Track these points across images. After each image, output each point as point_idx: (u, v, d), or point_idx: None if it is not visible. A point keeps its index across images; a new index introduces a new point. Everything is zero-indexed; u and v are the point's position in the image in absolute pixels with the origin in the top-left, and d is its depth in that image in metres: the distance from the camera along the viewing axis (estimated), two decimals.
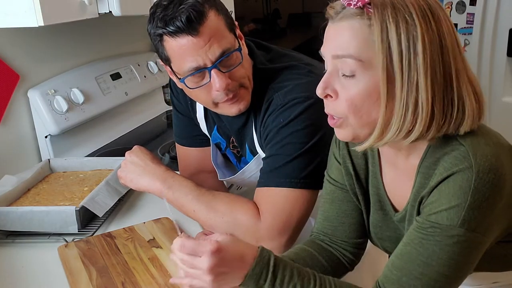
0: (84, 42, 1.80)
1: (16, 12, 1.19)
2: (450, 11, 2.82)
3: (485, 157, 0.70)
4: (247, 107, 1.08)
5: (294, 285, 0.75)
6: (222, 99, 1.04)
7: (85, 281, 0.95)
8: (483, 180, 0.69)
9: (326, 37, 0.76)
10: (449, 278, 0.73)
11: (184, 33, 0.97)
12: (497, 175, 0.70)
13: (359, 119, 0.75)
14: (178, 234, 0.77)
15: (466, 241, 0.71)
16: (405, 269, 0.75)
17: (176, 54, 1.00)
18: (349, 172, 0.91)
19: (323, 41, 0.77)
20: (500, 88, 2.65)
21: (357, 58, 0.71)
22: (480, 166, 0.70)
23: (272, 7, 5.00)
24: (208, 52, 0.98)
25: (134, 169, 1.13)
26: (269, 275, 0.74)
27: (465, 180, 0.70)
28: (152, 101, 2.14)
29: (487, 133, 0.76)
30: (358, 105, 0.73)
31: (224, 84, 1.00)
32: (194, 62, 0.99)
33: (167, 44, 1.00)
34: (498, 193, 0.70)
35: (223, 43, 0.99)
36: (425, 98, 0.70)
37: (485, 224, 0.72)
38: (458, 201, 0.70)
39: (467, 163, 0.70)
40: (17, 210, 1.12)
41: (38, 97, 1.51)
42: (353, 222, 0.94)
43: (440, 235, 0.72)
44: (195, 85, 1.03)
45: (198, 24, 0.96)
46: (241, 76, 1.04)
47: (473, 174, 0.69)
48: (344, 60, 0.72)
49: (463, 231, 0.70)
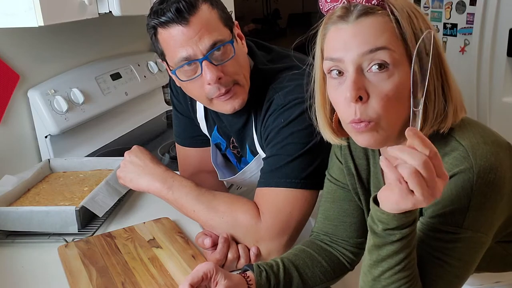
0: (84, 42, 1.80)
1: (16, 12, 1.18)
2: (450, 11, 2.82)
3: (485, 157, 0.70)
4: (242, 105, 1.07)
5: None
6: (214, 94, 1.03)
7: (85, 281, 0.95)
8: (484, 180, 0.70)
9: (344, 38, 0.72)
10: (458, 278, 0.74)
11: (174, 23, 0.98)
12: (497, 174, 0.70)
13: (391, 118, 0.72)
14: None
15: (471, 241, 0.72)
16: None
17: (168, 46, 1.01)
18: (351, 172, 0.92)
19: (335, 45, 0.73)
20: (500, 88, 2.65)
21: (391, 48, 0.70)
22: (481, 166, 0.70)
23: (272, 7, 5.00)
24: (198, 43, 0.98)
25: (133, 169, 1.13)
26: None
27: (467, 181, 0.70)
28: (152, 101, 2.14)
29: (484, 130, 0.76)
30: (393, 101, 0.71)
31: (214, 77, 0.99)
32: (185, 52, 0.99)
33: (160, 36, 1.01)
34: (499, 192, 0.71)
35: (214, 35, 0.99)
36: (449, 84, 0.73)
37: (488, 223, 0.72)
38: (461, 203, 0.70)
39: (467, 164, 0.71)
40: (17, 210, 1.12)
41: (38, 97, 1.51)
42: (354, 221, 0.94)
43: (446, 237, 0.72)
44: (187, 78, 1.03)
45: (188, 14, 0.97)
46: (235, 71, 1.03)
47: (474, 175, 0.70)
48: (376, 54, 0.70)
49: (468, 232, 0.71)
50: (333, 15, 0.74)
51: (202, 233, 1.04)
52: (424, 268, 0.74)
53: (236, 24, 1.08)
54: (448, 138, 0.75)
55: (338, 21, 0.73)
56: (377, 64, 0.70)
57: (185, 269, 0.97)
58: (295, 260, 0.92)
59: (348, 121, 0.74)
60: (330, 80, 0.76)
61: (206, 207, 1.05)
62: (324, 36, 0.76)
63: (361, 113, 0.71)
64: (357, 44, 0.71)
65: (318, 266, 0.93)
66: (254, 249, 1.01)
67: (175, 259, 1.01)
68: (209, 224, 1.05)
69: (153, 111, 2.11)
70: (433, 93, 0.72)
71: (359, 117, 0.72)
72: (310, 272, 0.92)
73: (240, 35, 1.09)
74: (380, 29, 0.71)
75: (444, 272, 0.73)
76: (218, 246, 0.99)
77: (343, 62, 0.72)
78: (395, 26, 0.71)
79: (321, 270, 0.93)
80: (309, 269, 0.92)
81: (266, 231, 1.00)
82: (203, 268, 0.80)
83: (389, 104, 0.71)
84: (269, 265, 0.89)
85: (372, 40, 0.70)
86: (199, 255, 1.02)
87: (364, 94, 0.71)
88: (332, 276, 0.95)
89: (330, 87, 0.76)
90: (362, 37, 0.71)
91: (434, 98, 0.72)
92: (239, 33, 1.09)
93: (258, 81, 1.09)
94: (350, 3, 0.73)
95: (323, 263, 0.94)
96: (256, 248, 1.01)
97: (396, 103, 0.71)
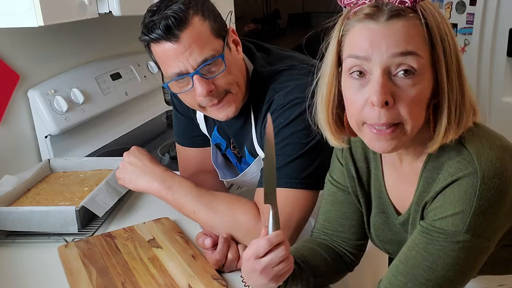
0: (84, 42, 1.80)
1: (16, 12, 1.18)
2: (450, 11, 2.82)
3: (489, 161, 0.70)
4: (236, 113, 1.08)
5: None
6: (207, 104, 1.05)
7: (85, 281, 0.95)
8: (488, 185, 0.69)
9: (373, 37, 0.70)
10: (454, 283, 0.73)
11: (164, 40, 0.98)
12: (502, 180, 0.69)
13: (415, 124, 0.71)
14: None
15: (472, 246, 0.71)
16: (410, 275, 0.74)
17: (161, 59, 1.02)
18: (351, 175, 0.91)
19: (362, 43, 0.71)
20: (500, 88, 2.64)
21: (420, 54, 0.69)
22: (485, 171, 0.69)
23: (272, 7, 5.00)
24: (189, 58, 0.99)
25: (132, 170, 1.13)
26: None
27: (470, 186, 0.70)
28: (152, 101, 2.14)
29: (490, 135, 0.75)
30: (419, 106, 0.71)
31: (204, 91, 1.00)
32: (176, 68, 1.00)
33: (153, 49, 1.02)
34: (502, 198, 0.70)
35: (205, 50, 0.99)
36: (467, 91, 0.73)
37: (490, 229, 0.72)
38: (464, 207, 0.70)
39: (471, 168, 0.70)
40: (17, 210, 1.12)
41: (38, 97, 1.51)
42: (353, 224, 0.94)
43: (446, 240, 0.72)
44: (179, 90, 1.05)
45: (178, 31, 0.97)
46: (226, 82, 1.03)
47: (478, 180, 0.69)
48: (405, 58, 0.69)
49: (469, 237, 0.70)
50: (360, 12, 0.71)
51: (202, 233, 1.04)
52: (416, 270, 0.73)
53: (231, 29, 1.08)
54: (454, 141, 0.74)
55: (366, 19, 0.71)
56: (404, 70, 0.69)
57: (185, 269, 0.97)
58: (296, 255, 0.90)
59: (371, 123, 0.72)
60: (349, 80, 0.74)
61: (206, 207, 1.05)
62: (347, 31, 0.74)
63: (386, 118, 0.70)
64: (388, 45, 0.69)
65: (323, 259, 0.92)
66: None
67: (175, 259, 1.01)
68: (209, 225, 1.05)
69: (153, 111, 2.11)
70: (454, 99, 0.72)
71: (384, 122, 0.70)
72: (315, 262, 0.91)
73: (235, 41, 1.09)
74: (411, 33, 0.69)
75: (437, 277, 0.72)
76: (218, 246, 0.99)
77: (370, 62, 0.70)
78: (424, 31, 0.70)
79: (325, 262, 0.92)
80: (313, 259, 0.91)
81: None
82: None
83: (414, 110, 0.70)
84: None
85: (403, 43, 0.69)
86: (199, 255, 1.02)
87: (391, 99, 0.69)
88: (334, 270, 0.94)
89: (348, 87, 0.74)
90: (393, 39, 0.69)
91: (455, 103, 0.72)
92: (235, 39, 1.09)
93: (258, 83, 1.10)
94: (381, 2, 0.70)
95: (327, 256, 0.93)
96: None
97: (420, 109, 0.71)
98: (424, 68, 0.70)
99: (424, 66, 0.70)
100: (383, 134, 0.71)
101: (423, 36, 0.70)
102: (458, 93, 0.72)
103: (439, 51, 0.70)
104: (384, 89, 0.69)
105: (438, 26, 0.71)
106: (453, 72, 0.71)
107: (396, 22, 0.69)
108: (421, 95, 0.70)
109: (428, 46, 0.70)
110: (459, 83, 0.72)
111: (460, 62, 0.73)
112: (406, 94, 0.70)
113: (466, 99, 0.73)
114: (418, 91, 0.70)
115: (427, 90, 0.71)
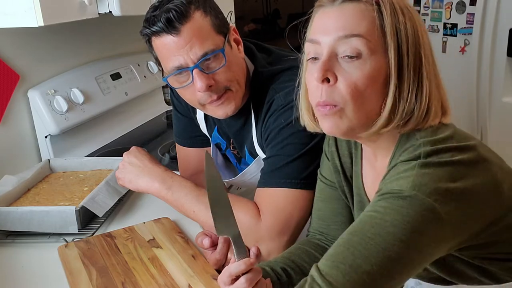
0: (84, 42, 1.80)
1: (16, 12, 1.18)
2: (450, 11, 2.82)
3: (433, 145, 0.70)
4: (235, 111, 1.08)
5: None
6: (206, 100, 1.04)
7: (85, 281, 0.95)
8: (430, 157, 0.69)
9: (325, 21, 0.74)
10: (406, 244, 0.66)
11: (165, 32, 0.98)
12: (444, 155, 0.69)
13: (358, 107, 0.72)
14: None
15: (419, 205, 0.66)
16: (357, 234, 0.69)
17: (161, 53, 1.02)
18: (337, 170, 0.92)
19: (316, 27, 0.75)
20: (500, 88, 2.64)
21: (366, 37, 0.71)
22: (427, 149, 0.70)
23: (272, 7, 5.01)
24: (189, 52, 0.98)
25: (132, 170, 1.13)
26: None
27: (412, 158, 0.70)
28: (152, 101, 2.14)
29: (455, 135, 0.74)
30: (361, 90, 0.71)
31: (204, 85, 1.00)
32: (176, 61, 1.00)
33: (154, 44, 1.02)
34: (447, 171, 0.68)
35: (205, 44, 0.99)
36: (427, 84, 0.72)
37: (440, 191, 0.67)
38: (407, 173, 0.69)
39: (416, 153, 0.70)
40: (17, 210, 1.12)
41: (38, 97, 1.51)
42: (343, 220, 0.94)
43: (391, 198, 0.68)
44: (179, 85, 1.04)
45: (179, 24, 0.97)
46: (227, 78, 1.03)
47: (421, 153, 0.69)
48: (350, 40, 0.71)
49: (414, 193, 0.67)
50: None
51: (202, 233, 1.04)
52: (363, 226, 0.69)
53: (232, 28, 1.08)
54: (411, 137, 0.74)
55: (325, 4, 0.75)
56: (348, 51, 0.71)
57: (185, 269, 0.97)
58: (290, 257, 0.90)
59: (315, 103, 0.74)
60: (308, 66, 0.77)
61: (206, 207, 1.05)
62: (312, 19, 0.77)
63: (327, 96, 0.72)
64: (336, 28, 0.72)
65: (316, 261, 0.92)
66: (254, 249, 1.00)
67: (175, 259, 1.01)
68: (209, 225, 1.04)
69: (153, 111, 2.11)
70: (406, 93, 0.72)
71: (324, 99, 0.72)
72: (308, 266, 0.90)
73: (237, 39, 1.09)
74: (360, 16, 0.71)
75: (384, 232, 0.66)
76: (218, 246, 0.99)
77: (320, 45, 0.73)
78: (376, 17, 0.71)
79: None
80: (307, 264, 0.91)
81: (266, 231, 1.00)
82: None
83: (357, 93, 0.71)
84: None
85: (349, 26, 0.71)
86: (199, 255, 1.02)
87: (333, 76, 0.72)
88: None
89: (307, 73, 0.77)
90: (342, 21, 0.72)
91: (406, 98, 0.72)
92: (236, 38, 1.09)
93: (258, 83, 1.10)
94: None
95: (320, 257, 0.93)
96: (256, 248, 1.01)
97: (364, 93, 0.72)
98: (372, 52, 0.71)
99: (372, 50, 0.71)
100: (325, 112, 0.73)
101: (375, 22, 0.71)
102: (412, 85, 0.72)
103: (391, 39, 0.71)
104: (326, 66, 0.71)
105: (393, 15, 0.71)
106: (407, 63, 0.71)
107: (348, 5, 0.72)
108: (366, 79, 0.71)
109: (381, 32, 0.71)
110: (416, 76, 0.72)
111: (423, 56, 0.73)
112: (349, 75, 0.71)
113: (424, 94, 0.73)
114: (363, 74, 0.71)
115: (375, 75, 0.71)
